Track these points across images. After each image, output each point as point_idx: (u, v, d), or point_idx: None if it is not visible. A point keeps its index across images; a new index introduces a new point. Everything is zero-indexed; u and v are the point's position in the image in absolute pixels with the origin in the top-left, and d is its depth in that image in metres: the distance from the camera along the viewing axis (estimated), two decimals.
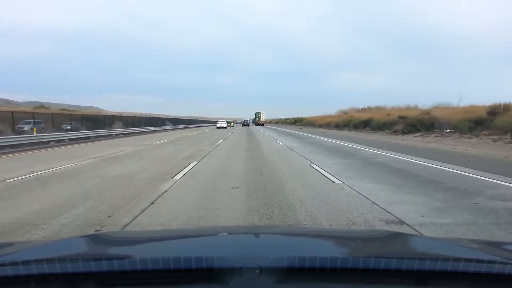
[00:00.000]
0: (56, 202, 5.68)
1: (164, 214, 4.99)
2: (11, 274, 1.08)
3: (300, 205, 5.44)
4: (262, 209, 5.21)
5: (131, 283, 1.10)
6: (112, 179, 7.84)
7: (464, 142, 18.77)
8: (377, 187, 6.91)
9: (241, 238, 1.80)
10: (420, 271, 1.10)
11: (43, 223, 4.52)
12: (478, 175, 8.22)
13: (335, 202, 5.64)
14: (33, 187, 7.03)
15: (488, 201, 5.65)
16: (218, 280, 1.05)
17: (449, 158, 11.88)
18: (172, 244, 1.64)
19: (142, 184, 7.28)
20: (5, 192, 6.57)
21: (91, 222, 4.57)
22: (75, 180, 7.77)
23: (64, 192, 6.54)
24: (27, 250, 1.51)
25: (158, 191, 6.49)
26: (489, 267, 1.14)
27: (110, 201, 5.70)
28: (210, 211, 5.13)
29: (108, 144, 19.73)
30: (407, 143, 20.30)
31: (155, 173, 8.78)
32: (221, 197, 6.09)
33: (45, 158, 12.45)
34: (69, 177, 8.26)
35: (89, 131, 26.88)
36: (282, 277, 1.07)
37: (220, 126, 59.43)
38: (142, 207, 5.34)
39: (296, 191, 6.46)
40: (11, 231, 4.24)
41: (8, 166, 10.41)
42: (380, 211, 5.08)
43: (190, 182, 7.53)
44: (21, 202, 5.79)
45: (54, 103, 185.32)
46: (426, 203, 5.53)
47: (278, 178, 7.94)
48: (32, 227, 4.34)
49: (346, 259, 1.25)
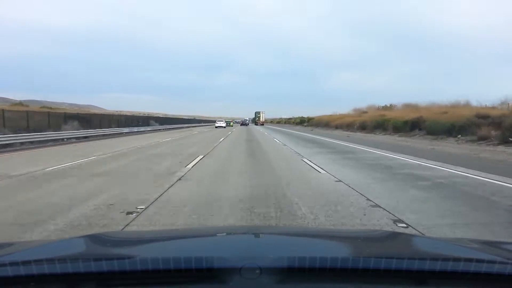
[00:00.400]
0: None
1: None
2: (11, 274, 1.08)
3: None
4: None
5: (131, 283, 1.10)
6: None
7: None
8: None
9: (241, 238, 1.80)
10: (420, 271, 1.10)
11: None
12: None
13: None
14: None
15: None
16: (218, 280, 1.05)
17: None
18: (172, 244, 1.64)
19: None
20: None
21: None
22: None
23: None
24: (27, 250, 1.51)
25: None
26: (489, 267, 1.14)
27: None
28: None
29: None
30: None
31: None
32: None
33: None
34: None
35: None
36: (282, 277, 1.07)
37: (219, 126, 58.90)
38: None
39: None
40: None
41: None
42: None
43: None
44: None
45: (51, 102, 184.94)
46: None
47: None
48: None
49: (346, 259, 1.25)
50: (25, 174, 8.65)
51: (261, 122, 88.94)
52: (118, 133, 32.37)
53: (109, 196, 6.06)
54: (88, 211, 5.12)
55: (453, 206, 5.50)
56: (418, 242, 1.84)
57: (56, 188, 6.87)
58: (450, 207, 5.46)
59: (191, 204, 5.57)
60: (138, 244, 1.67)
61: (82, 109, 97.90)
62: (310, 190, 6.66)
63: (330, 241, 1.75)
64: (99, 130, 29.27)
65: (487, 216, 5.03)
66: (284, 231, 2.58)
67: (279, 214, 4.95)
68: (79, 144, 20.43)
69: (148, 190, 6.64)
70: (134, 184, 7.41)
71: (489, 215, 5.05)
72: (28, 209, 5.30)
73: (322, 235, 2.05)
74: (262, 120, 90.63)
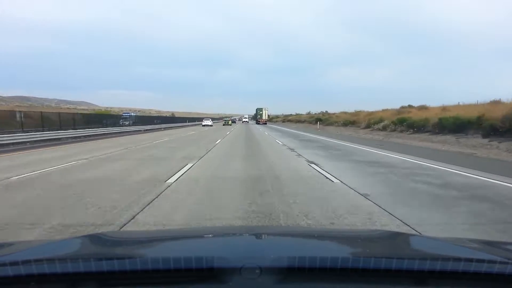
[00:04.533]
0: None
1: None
2: (11, 274, 1.08)
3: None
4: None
5: (131, 283, 1.10)
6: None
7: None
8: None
9: (241, 238, 1.80)
10: (420, 271, 1.10)
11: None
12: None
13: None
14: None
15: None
16: (218, 280, 1.05)
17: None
18: (172, 244, 1.64)
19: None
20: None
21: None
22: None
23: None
24: (27, 250, 1.51)
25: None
26: (489, 267, 1.14)
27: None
28: None
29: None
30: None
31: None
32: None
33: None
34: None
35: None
36: (282, 277, 1.07)
37: (206, 124, 58.80)
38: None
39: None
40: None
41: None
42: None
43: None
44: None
45: (40, 98, 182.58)
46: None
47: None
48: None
49: (346, 259, 1.25)
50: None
51: (264, 121, 77.06)
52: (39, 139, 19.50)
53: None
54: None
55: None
56: (418, 242, 1.84)
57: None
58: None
59: None
60: (138, 244, 1.67)
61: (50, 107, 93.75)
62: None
63: (330, 241, 1.75)
64: (29, 134, 19.51)
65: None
66: (284, 231, 2.58)
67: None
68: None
69: None
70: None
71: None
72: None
73: (322, 235, 2.05)
74: (264, 118, 77.68)
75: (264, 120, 76.72)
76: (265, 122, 75.87)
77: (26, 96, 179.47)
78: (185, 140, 23.32)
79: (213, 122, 66.90)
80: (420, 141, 21.44)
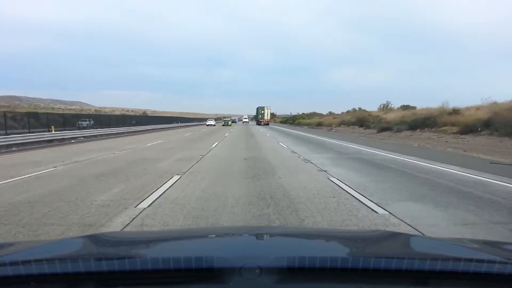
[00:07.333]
0: None
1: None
2: (11, 274, 1.08)
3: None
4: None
5: (131, 283, 1.10)
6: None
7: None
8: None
9: (241, 238, 1.80)
10: (420, 271, 1.10)
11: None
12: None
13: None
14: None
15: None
16: (218, 280, 1.05)
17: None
18: (172, 244, 1.64)
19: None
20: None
21: None
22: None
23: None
24: (27, 250, 1.51)
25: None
26: (489, 267, 1.14)
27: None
28: None
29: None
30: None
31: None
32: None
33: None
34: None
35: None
36: (282, 277, 1.06)
37: (209, 124, 61.71)
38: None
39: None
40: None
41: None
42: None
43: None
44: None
45: (33, 98, 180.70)
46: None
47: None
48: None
49: (346, 259, 1.25)
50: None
51: (266, 121, 67.88)
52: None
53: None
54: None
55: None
56: (418, 242, 1.84)
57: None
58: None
59: None
60: (138, 244, 1.67)
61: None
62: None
63: (330, 241, 1.75)
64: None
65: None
66: (284, 231, 2.58)
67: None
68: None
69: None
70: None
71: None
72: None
73: (322, 235, 2.05)
74: (266, 119, 68.21)
75: (266, 121, 67.85)
76: (267, 123, 67.74)
77: (17, 96, 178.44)
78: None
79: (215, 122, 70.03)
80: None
